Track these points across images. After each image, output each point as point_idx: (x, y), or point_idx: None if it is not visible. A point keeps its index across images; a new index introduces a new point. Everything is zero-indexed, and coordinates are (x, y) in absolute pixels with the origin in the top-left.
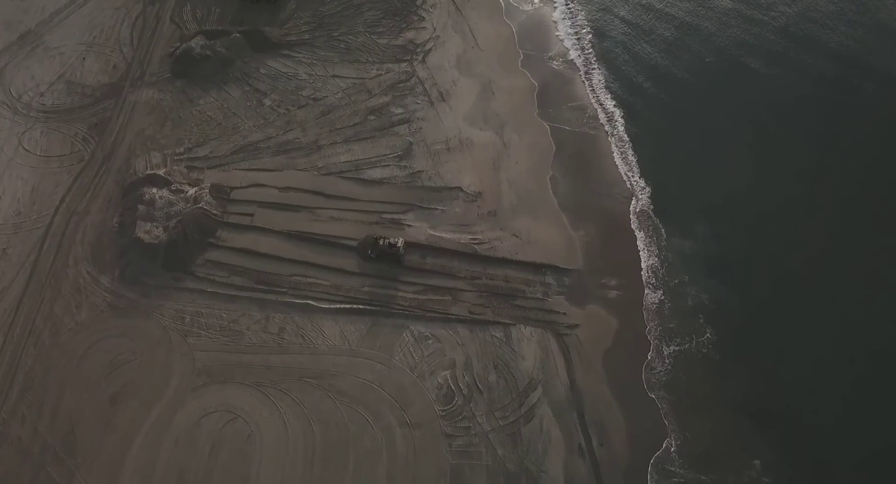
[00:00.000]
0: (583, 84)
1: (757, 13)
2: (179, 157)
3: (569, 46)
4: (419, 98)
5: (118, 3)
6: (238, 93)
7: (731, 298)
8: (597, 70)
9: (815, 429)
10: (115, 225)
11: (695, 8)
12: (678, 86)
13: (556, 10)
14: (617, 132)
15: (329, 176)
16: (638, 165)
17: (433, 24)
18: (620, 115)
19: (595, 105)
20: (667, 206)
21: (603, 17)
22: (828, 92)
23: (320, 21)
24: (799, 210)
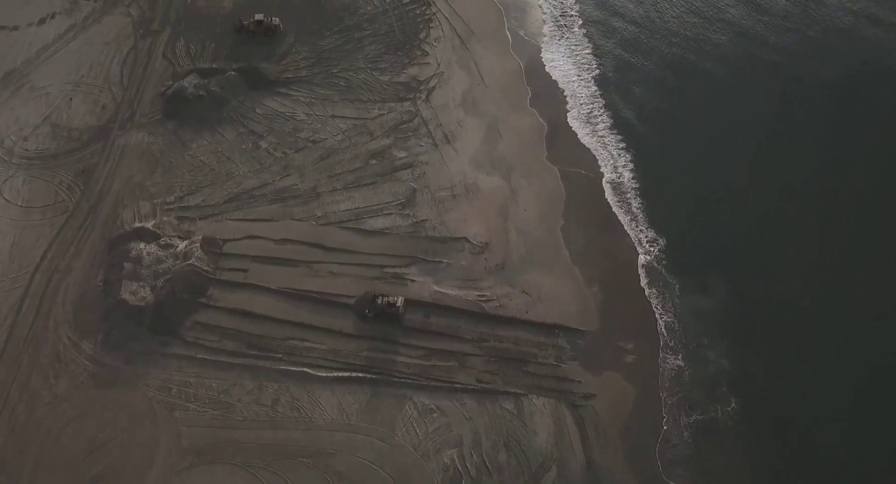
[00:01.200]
0: (593, 124)
1: (763, 52)
2: (170, 207)
3: (578, 82)
4: (423, 140)
5: (108, 38)
6: (233, 135)
7: (754, 361)
8: (605, 109)
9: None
10: (100, 284)
11: (702, 39)
12: (686, 126)
13: (565, 42)
14: (627, 178)
15: (328, 226)
16: (649, 215)
17: (437, 59)
18: (629, 160)
19: (605, 148)
20: (681, 259)
21: (611, 50)
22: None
23: (319, 56)
24: (820, 260)
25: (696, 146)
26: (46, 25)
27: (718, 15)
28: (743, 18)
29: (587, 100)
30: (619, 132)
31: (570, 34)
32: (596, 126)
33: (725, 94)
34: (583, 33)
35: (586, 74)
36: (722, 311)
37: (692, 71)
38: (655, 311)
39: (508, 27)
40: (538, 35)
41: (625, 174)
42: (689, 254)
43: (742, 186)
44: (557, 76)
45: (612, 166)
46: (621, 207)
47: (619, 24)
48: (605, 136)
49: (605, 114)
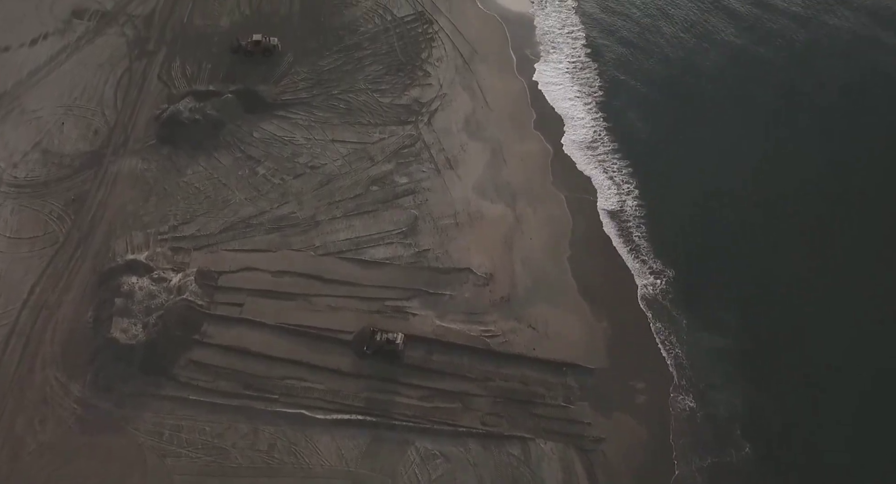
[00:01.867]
0: (596, 149)
1: (766, 71)
2: (163, 237)
3: (584, 106)
4: (425, 165)
5: (102, 60)
6: (229, 160)
7: (768, 402)
8: (608, 133)
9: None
10: (90, 320)
11: (710, 60)
12: (691, 149)
13: (571, 63)
14: (632, 206)
15: (327, 257)
16: (655, 244)
17: (439, 80)
18: (634, 186)
19: (609, 173)
20: (689, 292)
21: (617, 71)
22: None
23: (319, 77)
24: (838, 293)
25: (701, 170)
26: (38, 46)
27: (718, 34)
28: (740, 38)
29: (591, 123)
30: (623, 157)
31: (575, 54)
32: (597, 151)
33: (729, 115)
34: (587, 53)
35: (591, 96)
36: (733, 347)
37: (698, 93)
38: (663, 347)
39: (512, 46)
40: (543, 55)
41: (628, 201)
42: (697, 285)
43: (750, 211)
44: (562, 98)
45: (617, 193)
46: (627, 237)
47: (625, 42)
48: (609, 161)
49: (609, 138)
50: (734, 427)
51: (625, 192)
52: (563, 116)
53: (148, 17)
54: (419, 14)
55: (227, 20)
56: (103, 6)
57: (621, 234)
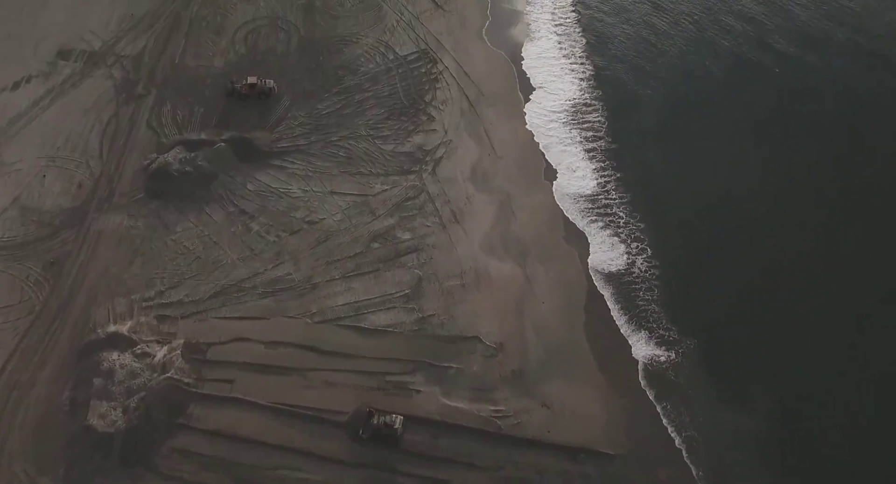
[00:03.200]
0: (602, 201)
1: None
2: (149, 304)
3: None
4: (429, 220)
5: (88, 105)
6: (221, 215)
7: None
8: (619, 183)
9: None
10: (65, 402)
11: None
12: (708, 201)
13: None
14: (643, 266)
15: (324, 324)
16: (671, 310)
17: (444, 125)
18: (646, 244)
19: (621, 229)
20: (712, 363)
21: (627, 115)
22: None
23: (317, 122)
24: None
25: (718, 220)
26: (21, 90)
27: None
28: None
29: (600, 173)
30: (631, 209)
31: (586, 95)
32: (598, 202)
33: (745, 168)
34: (598, 95)
35: (600, 143)
36: (763, 430)
37: (715, 145)
38: (675, 431)
39: (521, 87)
40: (551, 96)
41: (637, 260)
42: (718, 359)
43: (776, 271)
44: (571, 147)
45: (626, 251)
46: (630, 300)
47: (630, 75)
48: (614, 213)
49: (615, 187)
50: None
51: (633, 251)
52: (575, 166)
53: (137, 58)
54: (422, 52)
55: (221, 60)
56: (91, 46)
57: (627, 296)
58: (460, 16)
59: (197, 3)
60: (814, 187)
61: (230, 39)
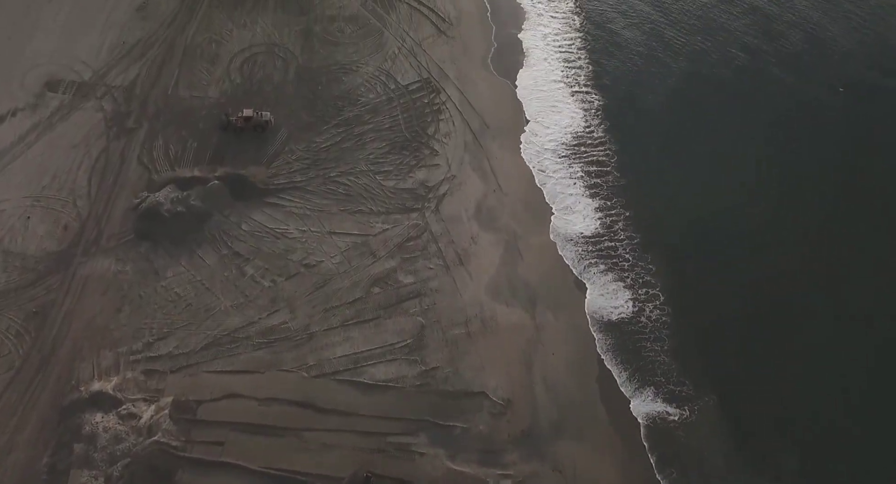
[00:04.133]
0: (618, 240)
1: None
2: (136, 357)
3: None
4: (432, 261)
5: (77, 139)
6: (214, 258)
7: None
8: (629, 223)
9: None
10: (44, 470)
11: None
12: (726, 242)
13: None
14: (657, 314)
15: (322, 379)
16: (688, 360)
17: (448, 159)
18: (660, 289)
19: (633, 271)
20: (737, 421)
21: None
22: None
23: (315, 157)
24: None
25: (738, 269)
26: (6, 124)
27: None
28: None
29: (605, 212)
30: (643, 251)
31: (591, 127)
32: (616, 242)
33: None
34: (605, 127)
35: (607, 178)
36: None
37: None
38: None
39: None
40: (558, 126)
41: (651, 310)
42: (737, 417)
43: (801, 317)
44: (573, 182)
45: (634, 296)
46: (648, 352)
47: (641, 110)
48: (626, 257)
49: (628, 228)
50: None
51: (641, 296)
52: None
53: (129, 89)
54: (425, 81)
55: (216, 90)
56: (80, 76)
57: (633, 347)
58: (464, 42)
59: (192, 29)
60: (843, 231)
61: (225, 68)
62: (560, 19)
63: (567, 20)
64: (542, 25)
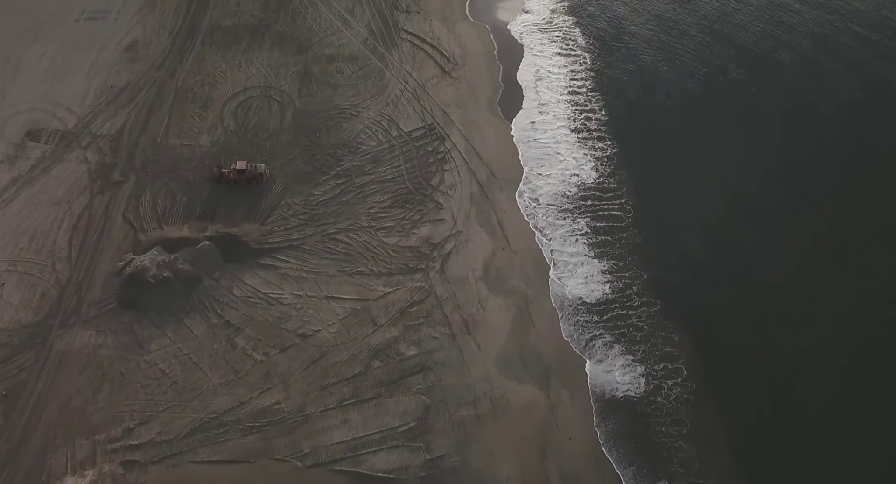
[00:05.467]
0: (632, 308)
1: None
2: (115, 446)
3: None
4: (437, 329)
5: (58, 196)
6: (203, 328)
7: None
8: (647, 284)
9: None
10: None
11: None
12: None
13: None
14: (675, 392)
15: (317, 469)
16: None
17: (453, 213)
18: (684, 362)
19: (649, 343)
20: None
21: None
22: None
23: (313, 211)
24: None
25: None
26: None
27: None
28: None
29: (621, 275)
30: (665, 318)
31: (602, 177)
32: (610, 314)
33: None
34: (619, 178)
35: (622, 235)
36: None
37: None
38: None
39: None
40: (563, 176)
41: (671, 387)
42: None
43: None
44: (580, 238)
45: (649, 372)
46: (664, 437)
47: (657, 157)
48: (641, 325)
49: (643, 292)
50: None
51: (659, 373)
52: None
53: (115, 137)
54: (429, 128)
55: (208, 138)
56: (64, 124)
57: (645, 433)
58: (469, 84)
59: (183, 72)
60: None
61: (218, 113)
62: (571, 58)
63: (578, 58)
64: (552, 66)
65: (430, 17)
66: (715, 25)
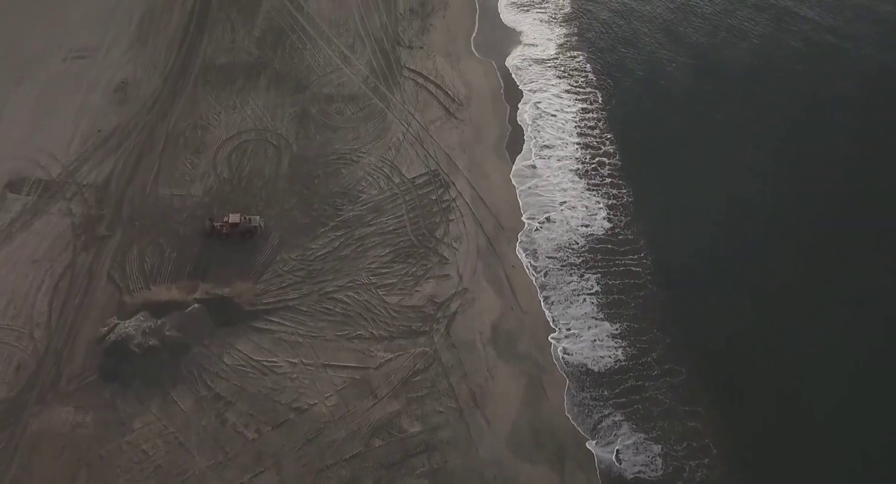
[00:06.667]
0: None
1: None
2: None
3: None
4: (443, 402)
5: (38, 253)
6: (190, 402)
7: None
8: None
9: None
10: None
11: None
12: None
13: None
14: (719, 472)
15: None
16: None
17: (458, 268)
18: (712, 440)
19: (680, 419)
20: None
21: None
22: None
23: (310, 267)
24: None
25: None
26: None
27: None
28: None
29: (638, 338)
30: (689, 390)
31: (617, 228)
32: (651, 378)
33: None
34: (634, 230)
35: (642, 294)
36: None
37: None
38: None
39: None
40: (575, 227)
41: (694, 469)
42: None
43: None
44: (588, 298)
45: (677, 451)
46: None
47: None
48: (662, 399)
49: (669, 359)
50: None
51: (679, 453)
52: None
53: (102, 187)
54: (433, 174)
55: (201, 186)
56: (48, 172)
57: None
58: (475, 126)
59: (174, 114)
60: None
61: (211, 160)
62: (581, 96)
63: (588, 96)
64: (562, 105)
65: (434, 54)
66: (749, 60)
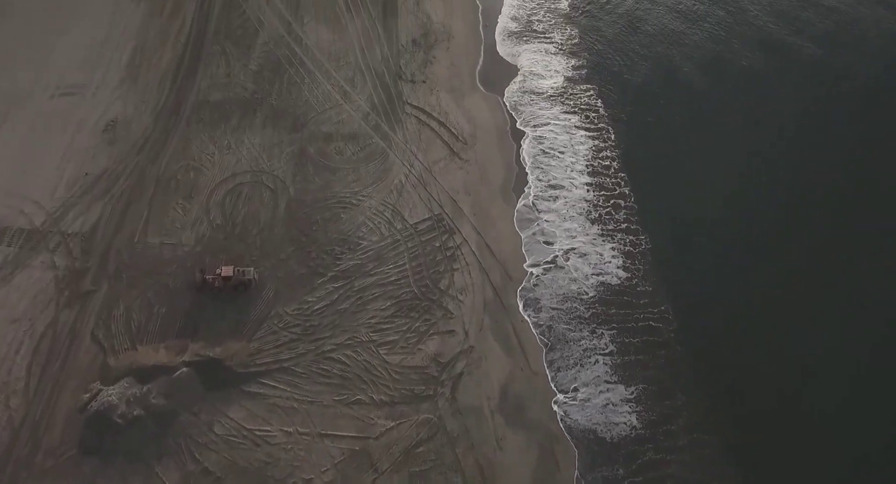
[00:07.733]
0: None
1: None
2: None
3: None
4: (448, 477)
5: (18, 312)
6: (176, 478)
7: None
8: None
9: None
10: None
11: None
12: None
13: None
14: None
15: None
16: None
17: (464, 323)
18: None
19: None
20: None
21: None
22: None
23: (306, 323)
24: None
25: None
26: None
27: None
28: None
29: (662, 404)
30: (713, 464)
31: (636, 279)
32: (675, 451)
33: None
34: (651, 281)
35: (662, 354)
36: None
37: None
38: None
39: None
40: (585, 277)
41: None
42: None
43: None
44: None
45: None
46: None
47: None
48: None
49: (695, 428)
50: None
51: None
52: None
53: (88, 236)
54: (437, 220)
55: (192, 234)
56: (30, 221)
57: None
58: (480, 167)
59: (166, 155)
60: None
61: (204, 205)
62: (593, 133)
63: (601, 133)
64: (573, 143)
65: (437, 89)
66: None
